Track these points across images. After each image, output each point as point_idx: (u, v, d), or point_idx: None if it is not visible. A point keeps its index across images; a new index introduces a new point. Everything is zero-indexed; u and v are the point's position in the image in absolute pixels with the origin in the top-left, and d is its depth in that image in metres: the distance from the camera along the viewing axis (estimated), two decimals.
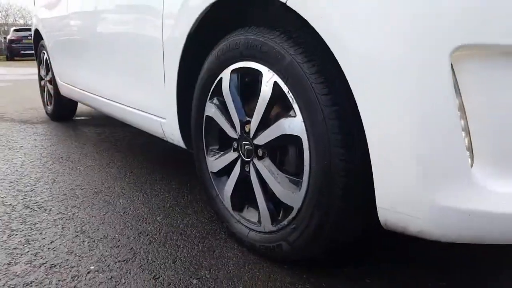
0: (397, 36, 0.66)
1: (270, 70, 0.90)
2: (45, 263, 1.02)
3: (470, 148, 0.67)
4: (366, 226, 0.89)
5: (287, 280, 0.94)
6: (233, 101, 1.03)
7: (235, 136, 1.05)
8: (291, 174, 0.92)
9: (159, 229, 1.20)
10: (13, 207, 1.37)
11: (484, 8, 0.60)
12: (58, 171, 1.75)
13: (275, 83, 0.89)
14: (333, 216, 0.83)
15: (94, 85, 1.96)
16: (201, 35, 1.13)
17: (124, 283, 0.93)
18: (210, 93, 1.11)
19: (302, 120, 0.84)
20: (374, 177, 0.74)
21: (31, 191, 1.52)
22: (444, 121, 0.65)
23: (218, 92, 1.08)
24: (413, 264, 1.02)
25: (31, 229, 1.21)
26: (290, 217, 0.92)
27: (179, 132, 1.30)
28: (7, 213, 1.32)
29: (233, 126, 1.05)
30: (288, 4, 0.81)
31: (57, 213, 1.32)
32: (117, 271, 0.98)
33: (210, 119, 1.13)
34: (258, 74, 0.94)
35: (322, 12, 0.75)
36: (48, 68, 2.85)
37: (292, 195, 0.90)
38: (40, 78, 3.15)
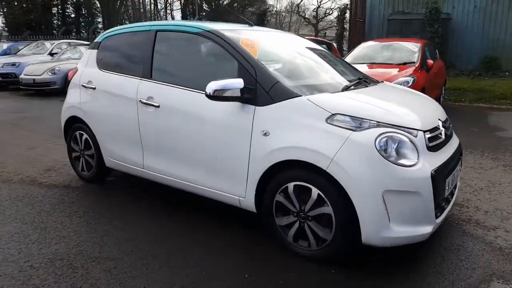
0: (361, 184, 2.17)
1: (315, 188, 2.34)
2: (182, 284, 2.28)
3: (387, 216, 2.20)
4: (357, 244, 2.36)
5: (322, 270, 2.38)
6: (295, 197, 2.44)
7: (295, 210, 2.46)
8: (325, 226, 2.37)
9: (261, 266, 2.54)
10: (141, 257, 2.53)
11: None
12: (137, 233, 2.84)
13: (318, 194, 2.33)
14: (344, 242, 2.32)
15: (172, 170, 3.09)
16: (274, 167, 2.49)
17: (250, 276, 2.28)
18: (280, 190, 2.50)
19: (331, 208, 2.30)
20: (361, 227, 2.23)
21: (142, 248, 2.67)
22: (379, 209, 2.17)
23: (284, 191, 2.48)
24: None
25: (160, 267, 2.43)
26: (325, 244, 2.37)
27: (254, 205, 2.65)
28: (141, 259, 2.51)
29: (294, 206, 2.46)
30: (327, 170, 2.26)
31: (166, 261, 2.51)
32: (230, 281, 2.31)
33: (278, 202, 2.52)
34: (309, 188, 2.37)
35: (341, 176, 2.23)
36: (88, 146, 3.83)
37: (327, 235, 2.36)
38: (72, 151, 4.06)
